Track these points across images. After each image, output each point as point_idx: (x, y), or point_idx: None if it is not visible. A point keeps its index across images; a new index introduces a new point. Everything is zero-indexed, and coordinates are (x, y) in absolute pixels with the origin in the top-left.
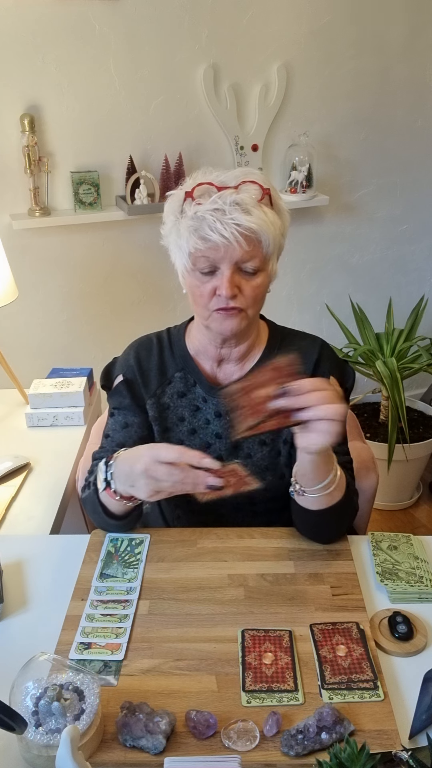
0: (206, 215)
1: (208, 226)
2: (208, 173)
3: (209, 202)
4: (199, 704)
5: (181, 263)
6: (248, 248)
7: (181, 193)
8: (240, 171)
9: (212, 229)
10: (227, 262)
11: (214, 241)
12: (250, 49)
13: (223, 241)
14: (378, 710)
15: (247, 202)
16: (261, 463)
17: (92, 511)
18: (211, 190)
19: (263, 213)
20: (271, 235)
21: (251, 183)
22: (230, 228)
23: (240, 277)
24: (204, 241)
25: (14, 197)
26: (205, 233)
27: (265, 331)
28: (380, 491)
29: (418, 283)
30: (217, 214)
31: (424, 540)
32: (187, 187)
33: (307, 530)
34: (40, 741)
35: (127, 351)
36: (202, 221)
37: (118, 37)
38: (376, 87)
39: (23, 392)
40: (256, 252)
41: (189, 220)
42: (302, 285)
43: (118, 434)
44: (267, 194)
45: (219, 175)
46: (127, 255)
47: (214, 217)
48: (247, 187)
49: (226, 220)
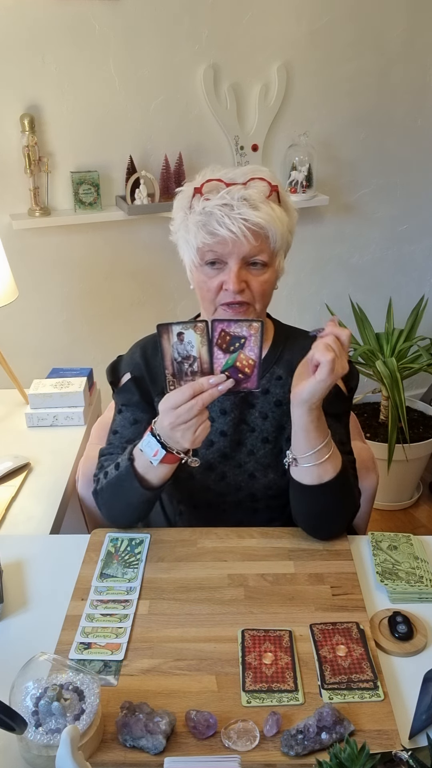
0: (214, 210)
1: (216, 221)
2: (217, 170)
3: (218, 198)
4: (199, 704)
5: (189, 258)
6: (256, 243)
7: (189, 189)
8: (248, 168)
9: (220, 223)
10: (235, 256)
11: (222, 236)
12: (250, 49)
13: (230, 235)
14: (378, 710)
15: (255, 197)
16: (264, 460)
17: (116, 494)
18: (219, 186)
19: (271, 209)
20: (279, 230)
21: (259, 180)
22: (238, 223)
23: (247, 272)
24: (212, 236)
25: (14, 197)
26: (213, 228)
27: (272, 329)
28: (380, 491)
29: (418, 283)
30: (225, 209)
31: (424, 540)
32: (196, 183)
33: (305, 520)
34: (40, 741)
35: (133, 349)
36: (210, 216)
37: (118, 37)
38: (376, 87)
39: (23, 392)
40: (263, 247)
41: (197, 215)
42: (302, 285)
43: (127, 431)
44: (275, 191)
45: (227, 172)
46: (127, 255)
47: (222, 212)
48: (255, 184)
49: (234, 215)
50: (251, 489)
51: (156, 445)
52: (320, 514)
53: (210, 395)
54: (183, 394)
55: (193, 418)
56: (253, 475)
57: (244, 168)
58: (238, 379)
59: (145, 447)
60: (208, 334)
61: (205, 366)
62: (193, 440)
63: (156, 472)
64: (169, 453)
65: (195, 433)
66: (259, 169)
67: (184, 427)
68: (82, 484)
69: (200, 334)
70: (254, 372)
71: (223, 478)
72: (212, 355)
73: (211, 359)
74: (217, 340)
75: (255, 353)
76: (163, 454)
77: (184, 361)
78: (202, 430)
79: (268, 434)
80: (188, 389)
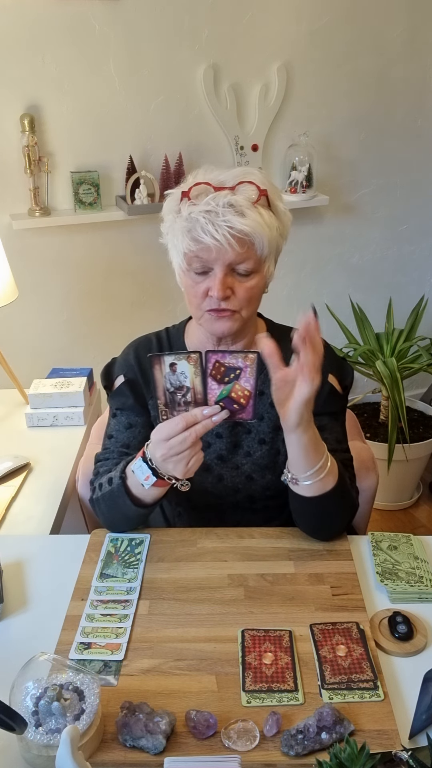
0: (199, 217)
1: (200, 228)
2: (209, 172)
3: (202, 204)
4: (199, 704)
5: (176, 262)
6: (241, 250)
7: (178, 193)
8: (239, 170)
9: (204, 231)
10: (220, 263)
11: (206, 243)
12: (250, 49)
13: (215, 243)
14: (378, 710)
15: (241, 203)
16: (261, 461)
17: (111, 508)
18: (207, 190)
19: (258, 215)
20: (267, 237)
21: (249, 183)
22: (222, 230)
23: (233, 278)
24: (196, 243)
25: (14, 197)
26: (197, 235)
27: (263, 329)
28: (380, 491)
29: (418, 283)
30: (210, 216)
31: (424, 540)
32: (184, 186)
33: (305, 524)
34: (40, 741)
35: (127, 351)
36: (195, 223)
37: (118, 37)
38: (376, 87)
39: (23, 392)
40: (249, 254)
41: (183, 221)
42: (302, 285)
43: (122, 435)
44: (264, 195)
45: (218, 174)
46: (127, 255)
47: (206, 219)
48: (244, 188)
49: (219, 222)
50: (249, 491)
51: (147, 471)
52: (321, 519)
53: (204, 426)
54: (176, 425)
55: (186, 449)
56: (251, 477)
57: (235, 170)
58: (233, 409)
59: (137, 470)
60: (201, 364)
61: (199, 396)
62: (186, 471)
63: (148, 492)
64: (160, 479)
65: (187, 465)
66: (251, 172)
67: (176, 459)
68: (82, 484)
69: (193, 365)
70: (249, 402)
71: (221, 480)
72: (206, 385)
73: (205, 390)
74: (211, 371)
75: (251, 384)
76: (153, 480)
77: (177, 392)
78: (195, 462)
79: (264, 435)
80: (181, 421)
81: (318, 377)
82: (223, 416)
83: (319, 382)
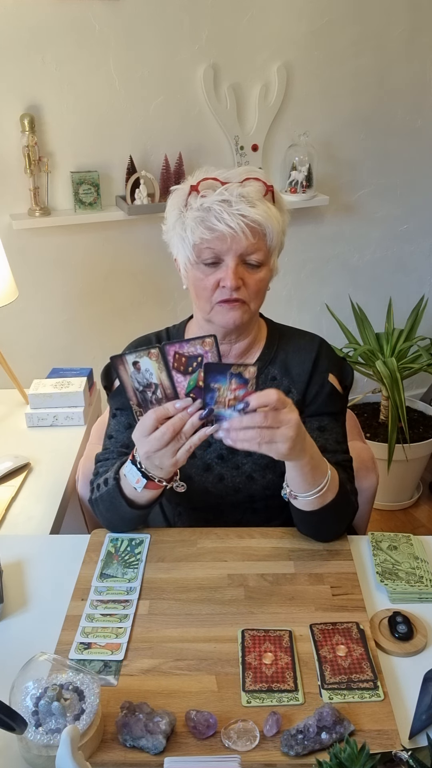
0: (213, 206)
1: (215, 216)
2: (211, 171)
3: (216, 194)
4: (199, 704)
5: (184, 256)
6: (253, 240)
7: (186, 187)
8: (243, 169)
9: (219, 219)
10: (232, 253)
11: (220, 231)
12: (250, 49)
13: (229, 231)
14: (378, 710)
15: (252, 195)
16: (261, 461)
17: (109, 509)
18: (215, 185)
19: (267, 207)
20: (275, 229)
21: (255, 180)
22: (236, 219)
23: (243, 269)
24: (210, 231)
25: (14, 197)
26: (212, 223)
27: (264, 329)
28: (380, 491)
29: (418, 283)
30: (224, 205)
31: (424, 540)
32: (192, 181)
33: (306, 529)
34: (40, 741)
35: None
36: (209, 212)
37: (118, 37)
38: (376, 87)
39: (23, 392)
40: (260, 245)
41: (195, 211)
42: (302, 285)
43: (121, 435)
44: (270, 191)
45: (222, 172)
46: (127, 255)
47: (221, 207)
48: (251, 183)
49: (233, 211)
50: (250, 490)
51: (137, 474)
52: (320, 527)
53: (180, 419)
54: (149, 420)
55: (165, 446)
56: (252, 477)
57: (238, 169)
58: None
59: (128, 473)
60: (164, 359)
61: (168, 391)
62: (173, 464)
63: (141, 494)
64: (150, 481)
65: (172, 457)
66: (254, 170)
67: (160, 454)
68: (82, 484)
69: (156, 361)
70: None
71: (221, 480)
72: (172, 379)
73: (173, 383)
74: (173, 363)
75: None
76: (144, 483)
77: (147, 390)
78: (182, 453)
79: None
80: (152, 414)
81: (290, 418)
82: (197, 406)
83: (293, 423)
